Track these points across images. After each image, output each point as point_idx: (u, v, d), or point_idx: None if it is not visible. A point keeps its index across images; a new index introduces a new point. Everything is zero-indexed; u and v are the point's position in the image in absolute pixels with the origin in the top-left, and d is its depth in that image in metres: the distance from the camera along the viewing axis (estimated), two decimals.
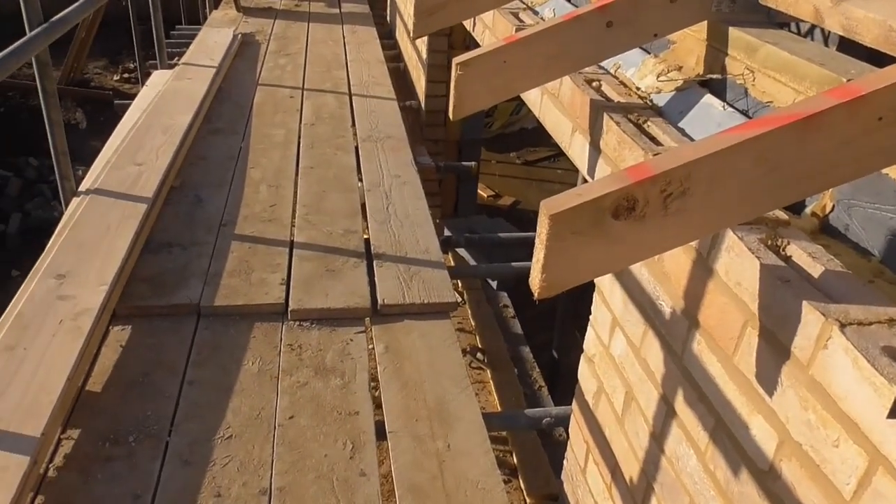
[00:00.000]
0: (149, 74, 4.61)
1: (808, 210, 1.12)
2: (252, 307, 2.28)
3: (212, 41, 4.78)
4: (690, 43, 1.55)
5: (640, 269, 1.45)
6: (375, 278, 2.45)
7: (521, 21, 2.40)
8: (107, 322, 2.15)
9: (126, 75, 10.66)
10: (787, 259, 1.00)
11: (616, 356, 1.63)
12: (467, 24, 3.11)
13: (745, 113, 1.33)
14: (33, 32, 2.48)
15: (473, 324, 4.19)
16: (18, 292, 2.15)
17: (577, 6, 2.18)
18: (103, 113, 8.76)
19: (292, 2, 6.49)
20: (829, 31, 1.02)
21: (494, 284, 4.82)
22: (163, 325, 2.19)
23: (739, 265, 1.04)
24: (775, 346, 0.97)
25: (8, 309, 2.07)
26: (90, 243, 2.38)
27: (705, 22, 1.46)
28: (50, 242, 2.43)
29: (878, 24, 0.84)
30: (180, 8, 7.45)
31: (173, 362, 2.05)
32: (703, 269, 1.17)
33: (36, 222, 7.34)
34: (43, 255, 2.35)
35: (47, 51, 2.63)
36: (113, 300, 2.19)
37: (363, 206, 2.97)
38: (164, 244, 2.56)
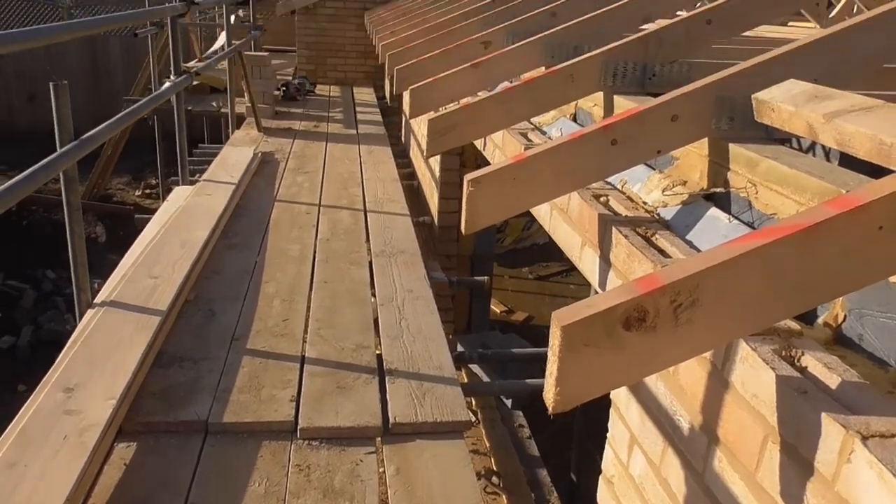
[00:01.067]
0: (170, 190, 4.77)
1: (820, 320, 1.11)
2: (261, 424, 2.24)
3: (233, 159, 4.96)
4: (693, 158, 1.59)
5: (655, 383, 1.42)
6: (387, 395, 2.41)
7: (529, 140, 2.49)
8: (112, 438, 2.11)
9: (148, 191, 11.04)
10: (803, 370, 0.98)
11: (636, 476, 1.57)
12: (478, 143, 3.23)
13: (750, 225, 1.34)
14: (64, 149, 2.60)
15: (488, 444, 4.07)
16: (25, 406, 2.13)
17: (582, 125, 2.26)
18: (123, 227, 9.02)
19: (311, 123, 6.79)
20: (830, 148, 1.05)
21: (509, 403, 4.73)
22: (169, 441, 2.15)
23: (755, 377, 1.02)
24: (798, 460, 0.94)
25: (13, 423, 2.05)
26: (101, 356, 2.38)
27: (706, 138, 1.50)
28: (61, 355, 2.43)
29: (869, 139, 0.86)
30: (204, 127, 7.78)
31: (177, 482, 1.99)
32: (718, 382, 1.14)
33: (48, 335, 7.37)
34: (53, 367, 2.34)
35: (75, 166, 2.75)
36: (120, 415, 2.16)
37: (376, 320, 2.97)
38: (175, 358, 2.56)
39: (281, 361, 2.60)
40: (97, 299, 2.86)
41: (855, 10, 5.06)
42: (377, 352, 2.72)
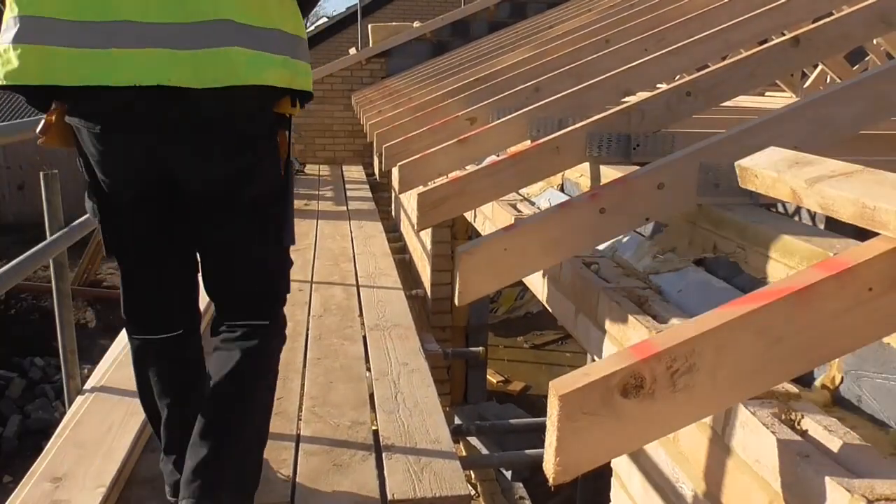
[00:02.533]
0: None
1: (817, 382, 1.11)
2: None
3: None
4: (682, 225, 1.62)
5: (656, 451, 1.41)
6: (384, 472, 2.36)
7: (518, 211, 2.52)
8: None
9: None
10: (804, 433, 0.98)
11: None
12: (468, 215, 3.27)
13: (741, 289, 1.36)
14: (54, 236, 2.61)
15: None
16: (10, 498, 2.07)
17: (570, 196, 2.30)
18: (113, 312, 8.95)
19: (301, 202, 6.85)
20: (816, 212, 1.08)
21: (509, 474, 4.63)
22: None
23: (756, 441, 1.01)
24: None
25: None
26: (91, 443, 2.33)
27: (693, 205, 1.53)
28: (49, 443, 2.38)
29: (851, 202, 0.89)
30: None
31: None
32: (720, 448, 1.13)
33: (35, 424, 7.22)
34: (41, 456, 2.29)
35: (65, 253, 2.75)
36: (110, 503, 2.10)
37: (371, 396, 2.93)
38: None
39: (276, 441, 2.54)
40: (87, 385, 2.82)
41: (828, 80, 5.24)
42: (373, 427, 2.67)
